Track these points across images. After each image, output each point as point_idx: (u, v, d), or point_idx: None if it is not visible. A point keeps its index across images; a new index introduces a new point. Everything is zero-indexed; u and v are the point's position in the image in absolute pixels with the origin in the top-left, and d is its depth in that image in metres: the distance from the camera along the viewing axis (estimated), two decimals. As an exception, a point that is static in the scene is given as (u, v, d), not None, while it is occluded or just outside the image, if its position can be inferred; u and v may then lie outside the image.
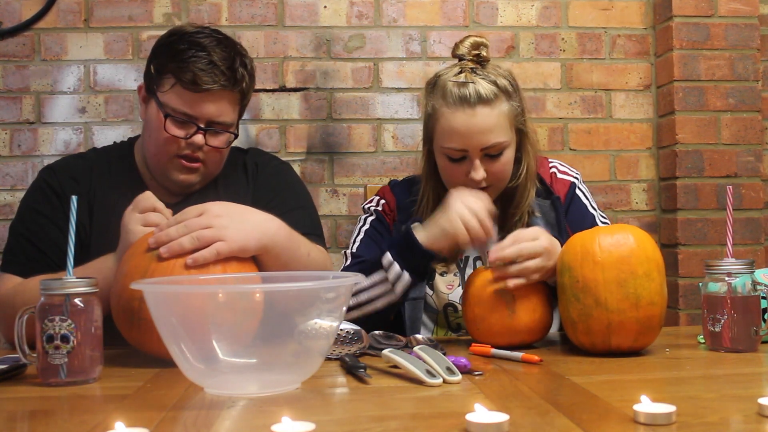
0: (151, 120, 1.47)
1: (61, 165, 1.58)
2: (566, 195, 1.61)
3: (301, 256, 1.35)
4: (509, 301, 1.26)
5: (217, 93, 1.43)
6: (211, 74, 1.41)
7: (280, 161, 1.71)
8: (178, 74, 1.41)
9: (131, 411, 0.87)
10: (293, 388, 0.95)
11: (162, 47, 1.47)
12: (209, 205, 1.22)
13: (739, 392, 0.92)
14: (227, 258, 1.18)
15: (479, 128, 1.45)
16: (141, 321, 1.12)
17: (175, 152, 1.46)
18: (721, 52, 2.18)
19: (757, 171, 2.19)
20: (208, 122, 1.45)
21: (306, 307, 0.94)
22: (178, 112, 1.43)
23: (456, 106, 1.46)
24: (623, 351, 1.17)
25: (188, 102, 1.42)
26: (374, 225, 1.63)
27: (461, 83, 1.46)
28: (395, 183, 1.72)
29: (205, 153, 1.48)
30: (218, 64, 1.42)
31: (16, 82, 2.11)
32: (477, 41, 1.49)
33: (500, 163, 1.50)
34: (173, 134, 1.44)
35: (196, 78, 1.40)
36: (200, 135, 1.45)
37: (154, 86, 1.46)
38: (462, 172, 1.50)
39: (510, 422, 0.74)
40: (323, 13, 2.19)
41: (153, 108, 1.46)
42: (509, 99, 1.49)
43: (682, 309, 2.14)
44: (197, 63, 1.41)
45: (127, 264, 1.18)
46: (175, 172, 1.48)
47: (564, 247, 1.24)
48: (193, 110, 1.43)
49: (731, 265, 1.20)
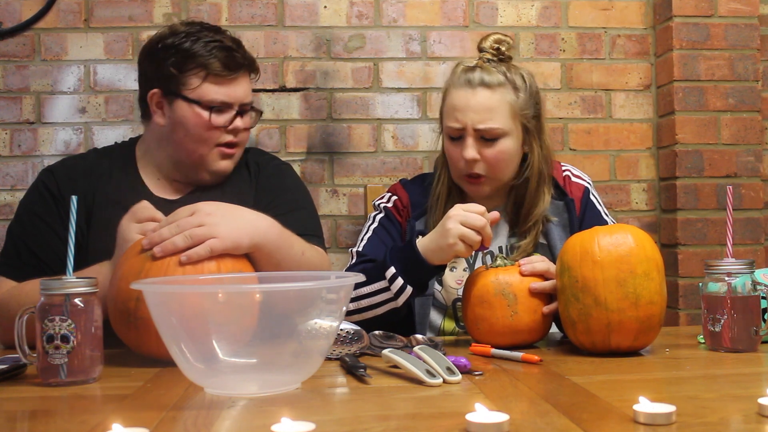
0: (183, 119, 1.49)
1: (60, 167, 1.58)
2: (581, 200, 1.63)
3: (295, 254, 1.36)
4: (511, 301, 1.26)
5: (242, 76, 1.52)
6: (233, 59, 1.49)
7: (281, 162, 1.72)
8: (207, 66, 1.47)
9: (131, 411, 0.87)
10: (293, 388, 0.95)
11: (167, 49, 1.48)
12: (200, 205, 1.23)
13: (739, 392, 0.92)
14: (221, 255, 1.18)
15: (476, 107, 1.52)
16: (138, 321, 1.12)
17: (215, 142, 1.51)
18: (721, 52, 2.18)
19: (757, 171, 2.19)
20: (241, 105, 1.53)
21: (306, 307, 0.94)
22: (217, 102, 1.49)
23: (460, 85, 1.54)
24: (623, 350, 1.17)
25: (222, 90, 1.49)
26: (383, 223, 1.64)
27: (470, 68, 1.55)
28: (406, 181, 1.75)
29: (240, 136, 1.55)
30: (234, 49, 1.50)
31: (16, 82, 2.11)
32: (500, 38, 1.58)
33: (495, 150, 1.53)
34: (218, 125, 1.49)
35: (227, 64, 1.48)
36: (239, 119, 1.53)
37: (175, 87, 1.48)
38: (459, 153, 1.55)
39: (510, 422, 0.74)
40: (323, 13, 2.19)
41: (181, 107, 1.49)
42: (516, 92, 1.54)
43: (682, 309, 2.14)
44: (218, 53, 1.47)
45: (122, 267, 1.18)
46: (216, 162, 1.53)
47: (563, 247, 1.24)
48: (229, 97, 1.50)
49: (731, 265, 1.20)
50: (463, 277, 1.53)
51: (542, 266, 1.29)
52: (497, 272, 1.29)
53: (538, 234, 1.57)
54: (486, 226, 1.30)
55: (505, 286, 1.27)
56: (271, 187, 1.62)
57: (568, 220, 1.58)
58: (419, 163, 2.20)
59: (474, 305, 1.29)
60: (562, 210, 1.59)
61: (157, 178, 1.58)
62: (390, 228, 1.64)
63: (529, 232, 1.57)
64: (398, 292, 1.38)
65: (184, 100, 1.48)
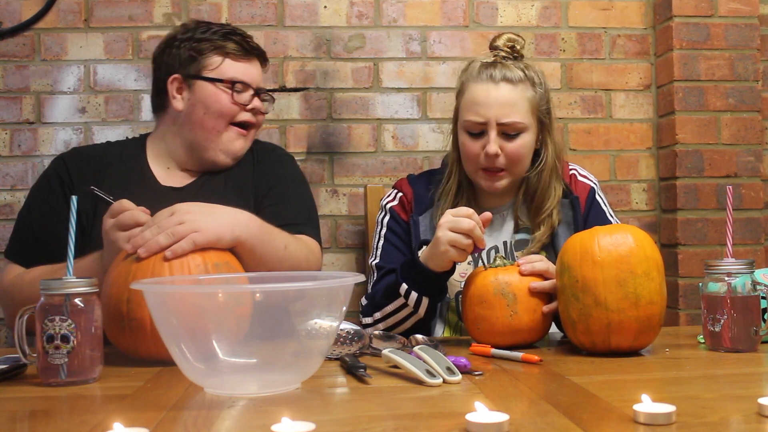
0: (205, 98, 1.55)
1: (72, 155, 1.63)
2: (586, 199, 1.64)
3: (277, 248, 1.37)
4: (511, 300, 1.26)
5: (255, 60, 1.61)
6: (247, 43, 1.58)
7: (283, 152, 1.75)
8: (224, 48, 1.55)
9: (131, 411, 0.87)
10: (293, 388, 0.95)
11: (184, 41, 1.56)
12: (179, 206, 1.25)
13: (739, 392, 0.92)
14: (205, 249, 1.20)
15: (500, 101, 1.53)
16: (132, 322, 1.13)
17: (235, 119, 1.57)
18: (721, 52, 2.18)
19: (757, 171, 2.19)
20: (257, 87, 1.59)
21: (306, 307, 0.94)
22: (237, 78, 1.55)
23: (481, 80, 1.55)
24: (623, 350, 1.17)
25: (241, 70, 1.56)
26: (391, 226, 1.66)
27: (490, 63, 1.57)
28: (413, 176, 1.75)
29: (258, 118, 1.61)
30: (245, 36, 1.59)
31: (16, 82, 2.11)
32: (513, 37, 1.59)
33: (516, 144, 1.55)
34: (239, 102, 1.55)
35: (243, 46, 1.57)
36: (257, 99, 1.60)
37: (195, 70, 1.55)
38: (479, 148, 1.55)
39: (510, 422, 0.74)
40: (323, 13, 2.19)
41: (203, 87, 1.55)
42: (535, 88, 1.56)
43: (682, 309, 2.14)
44: (233, 37, 1.57)
45: (110, 274, 1.20)
46: (232, 141, 1.58)
47: (563, 247, 1.24)
48: (247, 77, 1.57)
49: (731, 265, 1.20)
50: (467, 271, 1.54)
51: (542, 266, 1.29)
52: (497, 272, 1.29)
53: (552, 228, 1.58)
54: (474, 228, 1.30)
55: (504, 285, 1.27)
56: (271, 174, 1.65)
57: (573, 218, 1.60)
58: (419, 163, 2.20)
59: (473, 305, 1.29)
60: (567, 208, 1.61)
61: (167, 167, 1.61)
62: (398, 231, 1.65)
63: (543, 223, 1.59)
64: (416, 304, 1.42)
65: (205, 80, 1.54)
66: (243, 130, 1.59)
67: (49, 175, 1.59)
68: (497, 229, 1.64)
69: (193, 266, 1.16)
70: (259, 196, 1.60)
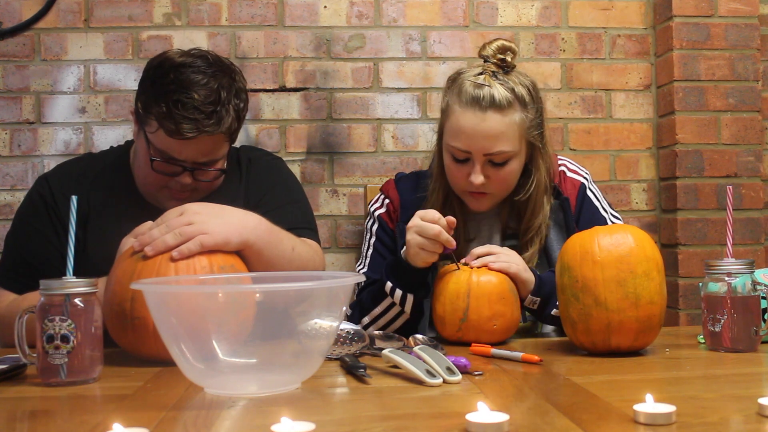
0: (140, 150, 1.47)
1: (54, 174, 1.58)
2: (576, 197, 1.61)
3: (285, 250, 1.36)
4: (463, 300, 1.30)
5: (201, 138, 1.39)
6: (193, 121, 1.37)
7: (272, 156, 1.72)
8: (161, 122, 1.38)
9: (131, 411, 0.87)
10: (293, 388, 0.95)
11: (149, 82, 1.43)
12: (188, 205, 1.24)
13: (739, 392, 0.92)
14: (212, 251, 1.19)
15: (486, 133, 1.46)
16: (135, 320, 1.13)
17: (161, 185, 1.46)
18: (721, 52, 2.18)
19: (757, 171, 2.19)
20: (194, 163, 1.44)
21: (306, 307, 0.94)
22: (165, 155, 1.42)
23: (468, 105, 1.46)
24: (623, 350, 1.17)
25: (172, 147, 1.41)
26: (379, 236, 1.65)
27: (478, 84, 1.46)
28: (401, 176, 1.73)
29: (195, 185, 1.47)
30: (202, 109, 1.37)
31: (16, 82, 2.10)
32: (504, 45, 1.49)
33: (504, 172, 1.51)
34: (161, 173, 1.44)
35: (179, 128, 1.37)
36: (187, 175, 1.44)
37: (141, 118, 1.44)
38: (464, 174, 1.51)
39: (510, 422, 0.74)
40: (323, 13, 2.19)
41: (141, 138, 1.46)
42: (524, 110, 1.49)
43: (682, 309, 2.14)
44: (179, 110, 1.36)
45: (115, 272, 1.19)
46: (167, 201, 1.46)
47: (563, 247, 1.24)
48: (179, 154, 1.42)
49: (731, 265, 1.20)
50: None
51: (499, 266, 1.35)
52: (463, 273, 1.34)
53: (542, 242, 1.55)
54: (440, 233, 1.32)
55: (461, 286, 1.32)
56: (261, 183, 1.62)
57: (564, 220, 1.58)
58: (419, 163, 2.20)
59: (441, 303, 1.34)
60: (557, 209, 1.58)
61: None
62: (386, 240, 1.65)
63: (531, 242, 1.55)
64: (401, 301, 1.43)
65: (144, 137, 1.44)
66: (177, 194, 1.47)
67: (33, 196, 1.54)
68: (485, 235, 1.62)
69: (198, 268, 1.16)
70: (250, 205, 1.51)
